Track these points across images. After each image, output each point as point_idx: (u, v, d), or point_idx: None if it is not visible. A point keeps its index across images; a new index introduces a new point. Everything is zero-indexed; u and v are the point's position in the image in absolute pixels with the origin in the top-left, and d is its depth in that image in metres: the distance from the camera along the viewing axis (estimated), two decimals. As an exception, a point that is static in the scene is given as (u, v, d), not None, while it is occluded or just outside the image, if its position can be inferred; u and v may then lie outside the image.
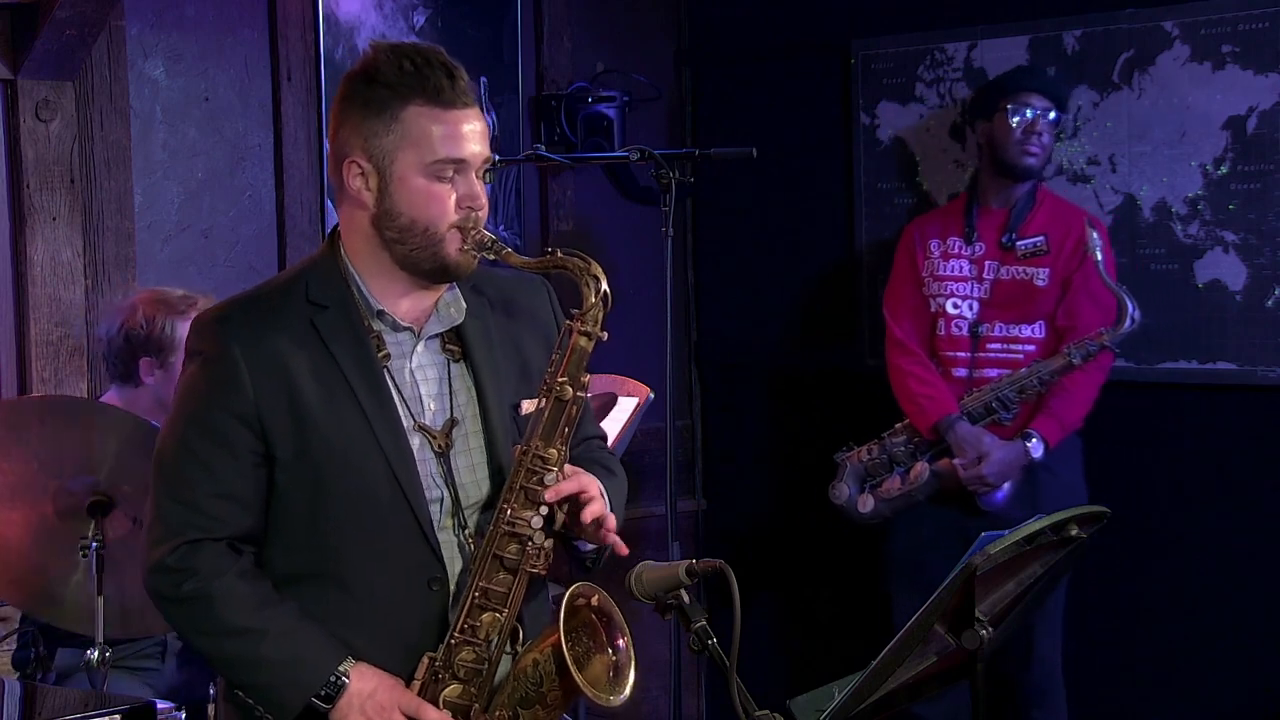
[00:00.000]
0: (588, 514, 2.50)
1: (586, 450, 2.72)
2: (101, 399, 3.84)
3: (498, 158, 4.41)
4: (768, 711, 2.37)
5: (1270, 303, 4.52)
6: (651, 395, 4.18)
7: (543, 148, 4.58)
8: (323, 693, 2.45)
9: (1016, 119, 4.44)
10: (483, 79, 5.06)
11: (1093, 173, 4.78)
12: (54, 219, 4.17)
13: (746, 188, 5.43)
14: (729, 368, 5.59)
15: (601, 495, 2.56)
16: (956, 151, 5.00)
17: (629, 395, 4.17)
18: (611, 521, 2.54)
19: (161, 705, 3.13)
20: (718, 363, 5.62)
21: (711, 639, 2.42)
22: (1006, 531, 2.54)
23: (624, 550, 2.56)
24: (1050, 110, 4.46)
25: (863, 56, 5.20)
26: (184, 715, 3.21)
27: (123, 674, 3.68)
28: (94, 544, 3.32)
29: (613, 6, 5.46)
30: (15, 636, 3.82)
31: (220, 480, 2.47)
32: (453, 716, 2.48)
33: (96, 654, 3.31)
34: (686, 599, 2.44)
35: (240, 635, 2.46)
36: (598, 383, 4.15)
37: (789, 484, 5.41)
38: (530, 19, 5.20)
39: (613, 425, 4.07)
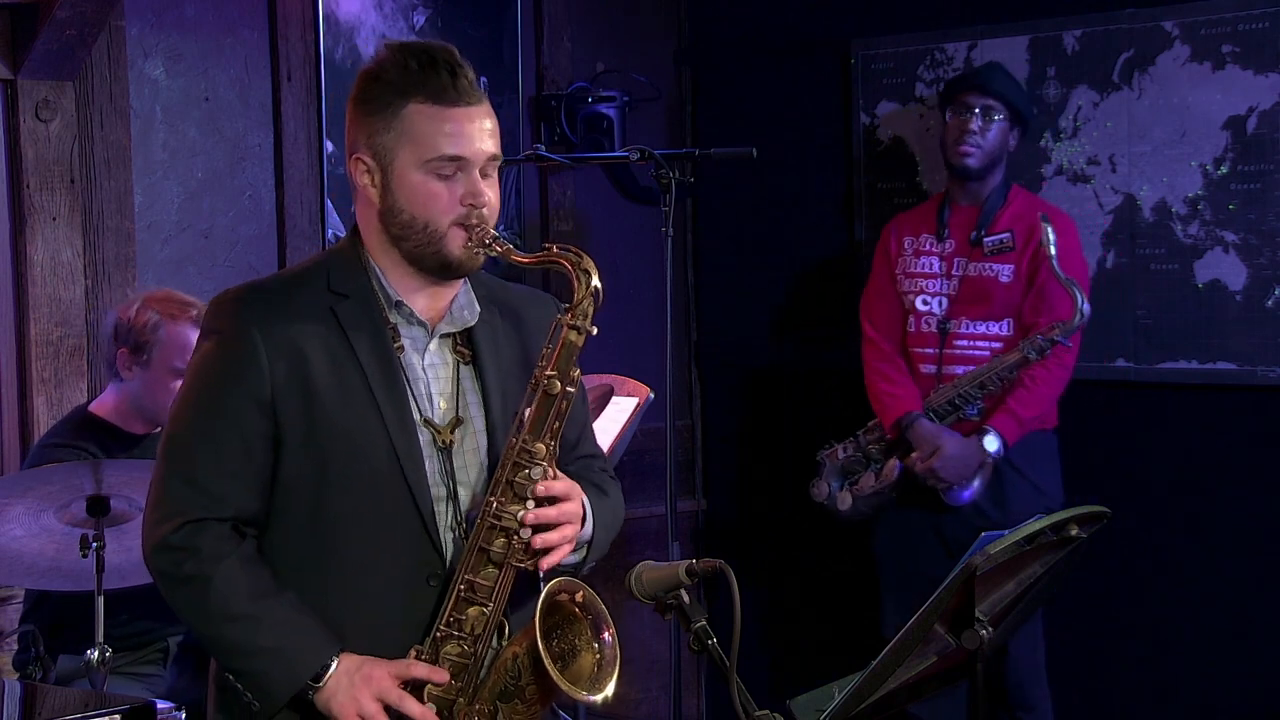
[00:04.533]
0: (544, 563, 2.51)
1: (584, 468, 2.71)
2: (93, 403, 3.83)
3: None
4: (768, 711, 2.37)
5: (1270, 303, 4.52)
6: (651, 395, 4.18)
7: (543, 148, 4.58)
8: (313, 675, 2.46)
9: (950, 119, 4.52)
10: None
11: (1093, 173, 4.78)
12: (54, 219, 4.17)
13: (746, 188, 5.43)
14: (729, 368, 5.59)
15: (584, 511, 2.56)
16: (956, 151, 5.00)
17: (629, 395, 4.17)
18: (554, 558, 2.53)
19: (161, 705, 3.14)
20: (718, 363, 5.62)
21: (711, 639, 2.41)
22: (1006, 531, 2.54)
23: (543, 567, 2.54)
24: (992, 110, 4.47)
25: (863, 56, 5.20)
26: (184, 715, 3.21)
27: (125, 680, 3.69)
28: (94, 544, 3.32)
29: (613, 6, 5.46)
30: (16, 638, 3.82)
31: (228, 460, 2.48)
32: (437, 711, 2.49)
33: (96, 654, 3.31)
34: (686, 599, 2.44)
35: (236, 621, 2.46)
36: (597, 381, 4.15)
37: (789, 483, 5.40)
38: (530, 19, 5.20)
39: (612, 425, 4.07)
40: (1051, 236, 4.30)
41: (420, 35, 4.88)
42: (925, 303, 4.58)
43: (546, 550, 2.51)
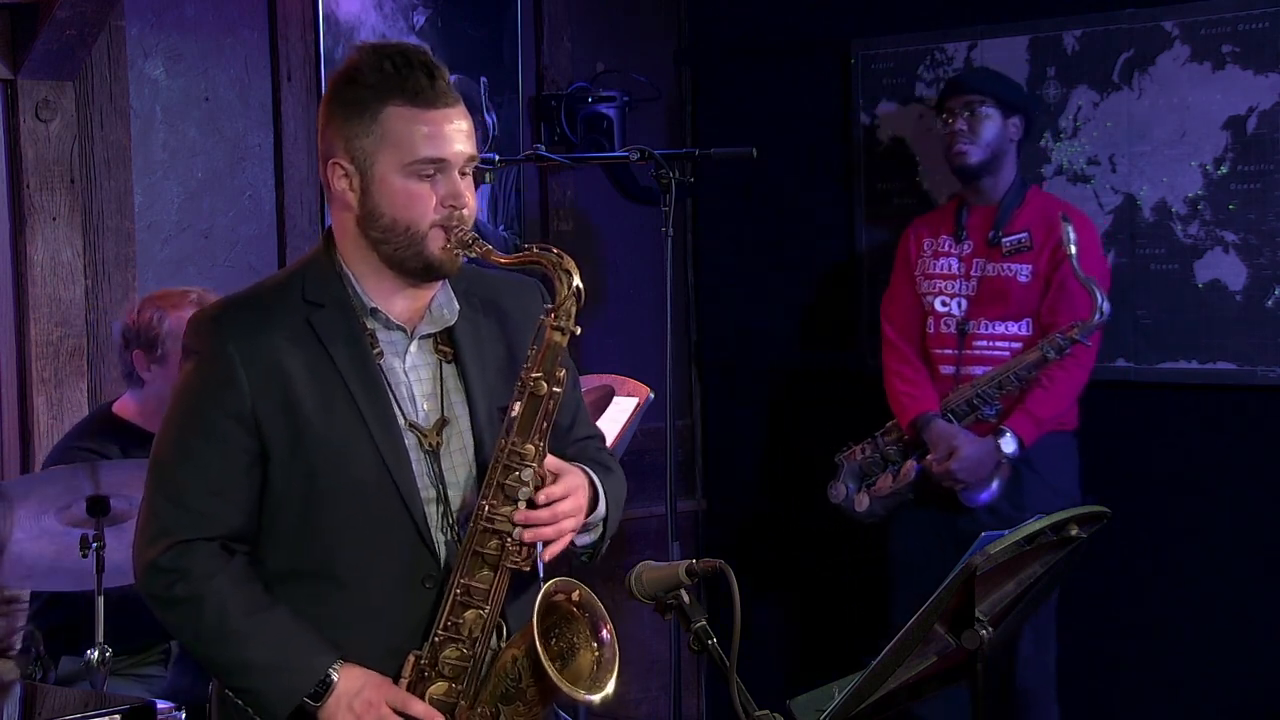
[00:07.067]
0: (546, 554, 2.52)
1: (582, 451, 2.72)
2: (116, 403, 3.83)
3: (496, 157, 4.45)
4: (768, 711, 2.37)
5: (1270, 303, 4.52)
6: (651, 395, 4.18)
7: (543, 148, 4.58)
8: (312, 691, 2.46)
9: (941, 127, 4.56)
10: (483, 79, 5.06)
11: (1093, 173, 4.78)
12: (54, 219, 4.17)
13: (746, 188, 5.43)
14: (729, 368, 5.59)
15: (592, 493, 2.58)
16: (956, 151, 4.99)
17: (629, 395, 4.17)
18: (555, 549, 2.54)
19: (161, 705, 3.14)
20: (718, 363, 5.62)
21: (711, 639, 2.41)
22: (1006, 531, 2.54)
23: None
24: (974, 104, 4.48)
25: (863, 56, 5.20)
26: (184, 715, 3.21)
27: (128, 681, 3.68)
28: (94, 544, 3.32)
29: (613, 6, 5.46)
30: (18, 638, 3.82)
31: (214, 479, 2.48)
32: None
33: (97, 654, 3.31)
34: (686, 599, 2.44)
35: (230, 639, 2.46)
36: (597, 381, 4.15)
37: (789, 484, 5.40)
38: (530, 19, 5.20)
39: (612, 425, 4.07)
40: (1072, 235, 4.29)
41: (420, 36, 4.88)
42: (944, 304, 4.58)
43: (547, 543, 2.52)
